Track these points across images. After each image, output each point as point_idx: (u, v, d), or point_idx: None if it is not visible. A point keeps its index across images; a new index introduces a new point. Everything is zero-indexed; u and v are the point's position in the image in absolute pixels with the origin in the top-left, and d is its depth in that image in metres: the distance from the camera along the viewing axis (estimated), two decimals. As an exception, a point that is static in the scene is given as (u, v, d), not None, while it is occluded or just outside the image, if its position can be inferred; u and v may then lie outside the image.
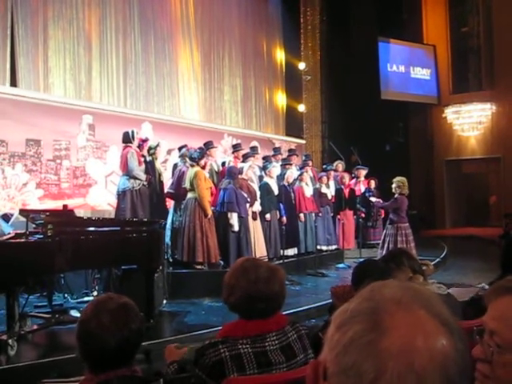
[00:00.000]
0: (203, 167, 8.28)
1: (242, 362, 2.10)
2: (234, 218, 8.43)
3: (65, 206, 5.88)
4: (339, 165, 12.62)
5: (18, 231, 5.78)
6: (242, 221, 8.54)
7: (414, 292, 0.82)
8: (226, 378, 2.05)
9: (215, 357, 2.09)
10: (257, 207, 9.16)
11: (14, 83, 9.45)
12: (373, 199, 10.77)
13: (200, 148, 8.70)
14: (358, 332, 0.77)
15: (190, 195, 8.19)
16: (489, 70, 15.32)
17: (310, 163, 12.02)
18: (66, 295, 7.31)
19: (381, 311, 0.78)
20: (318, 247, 10.83)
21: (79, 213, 7.87)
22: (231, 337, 2.16)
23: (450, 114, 15.81)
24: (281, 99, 16.06)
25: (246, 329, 2.16)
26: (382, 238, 9.59)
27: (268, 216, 9.59)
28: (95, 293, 7.25)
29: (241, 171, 8.85)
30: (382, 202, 10.24)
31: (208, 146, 9.05)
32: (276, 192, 9.96)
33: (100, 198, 10.45)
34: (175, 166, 9.37)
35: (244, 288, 2.16)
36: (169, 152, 10.83)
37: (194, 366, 2.14)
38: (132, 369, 1.93)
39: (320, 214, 11.11)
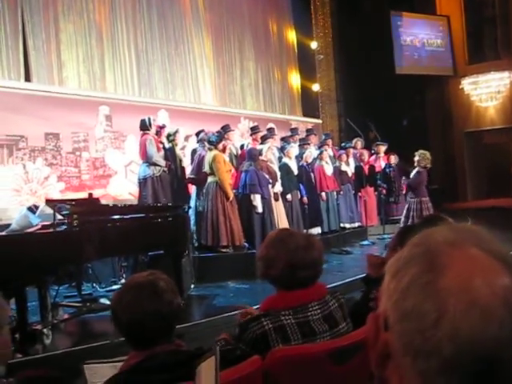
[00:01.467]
0: (223, 151, 8.26)
1: (286, 333, 2.09)
2: (257, 200, 8.41)
3: (90, 195, 5.91)
4: (358, 142, 12.52)
5: (45, 223, 5.82)
6: (265, 202, 8.52)
7: (467, 232, 0.80)
8: (270, 350, 2.04)
9: (259, 330, 2.09)
10: (278, 188, 9.13)
11: (27, 78, 9.49)
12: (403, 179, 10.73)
13: (218, 132, 8.67)
14: (414, 275, 0.76)
15: (210, 179, 8.18)
16: (505, 39, 15.01)
17: (330, 142, 11.94)
18: (94, 285, 7.37)
19: (435, 252, 0.76)
20: (341, 225, 10.81)
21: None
22: (273, 309, 2.15)
23: (467, 84, 15.55)
24: (295, 80, 15.93)
25: (287, 300, 2.15)
26: (405, 212, 9.52)
27: (289, 196, 9.57)
28: (123, 281, 7.29)
29: (261, 153, 8.81)
30: (405, 179, 10.19)
31: (226, 129, 9.03)
32: (295, 172, 9.93)
33: (121, 188, 10.49)
34: (194, 151, 9.36)
35: (284, 258, 2.14)
36: (186, 138, 10.80)
37: (238, 341, 2.14)
38: (176, 343, 1.93)
39: (341, 192, 11.06)
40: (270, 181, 8.68)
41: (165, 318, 1.86)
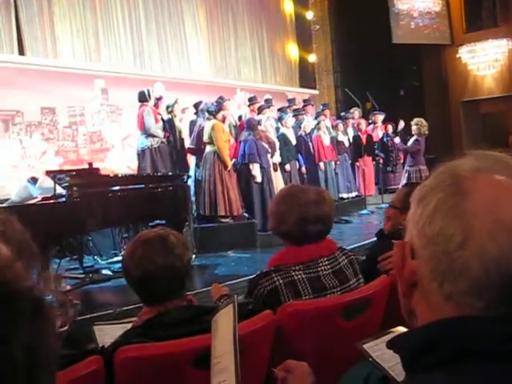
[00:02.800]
0: (222, 121, 8.21)
1: (296, 288, 2.10)
2: (256, 169, 8.38)
3: (90, 165, 5.89)
4: (355, 112, 12.47)
5: (45, 195, 5.81)
6: (264, 172, 8.49)
7: (491, 159, 0.80)
8: (281, 305, 2.04)
9: (270, 285, 2.09)
10: (277, 158, 9.10)
11: (21, 52, 9.36)
12: (397, 140, 10.69)
13: (216, 101, 8.60)
14: (440, 199, 0.76)
15: (208, 148, 8.13)
16: (503, 6, 14.83)
17: (328, 112, 11.88)
18: (95, 257, 7.36)
19: (460, 178, 0.77)
20: (339, 195, 10.81)
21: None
22: (283, 265, 2.15)
23: (465, 53, 15.42)
24: (292, 51, 15.78)
25: (297, 255, 2.15)
26: (404, 181, 9.53)
27: (288, 167, 9.55)
28: (124, 252, 7.30)
29: (259, 123, 8.76)
30: (401, 143, 10.17)
31: (223, 98, 8.96)
32: (294, 142, 9.90)
33: (118, 162, 10.44)
34: (192, 122, 9.29)
35: (296, 212, 2.13)
36: (183, 111, 10.70)
37: (249, 296, 2.14)
38: (188, 298, 1.92)
39: (339, 162, 11.06)
40: (269, 150, 8.64)
41: (176, 273, 1.86)
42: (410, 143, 9.47)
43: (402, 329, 1.81)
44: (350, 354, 2.00)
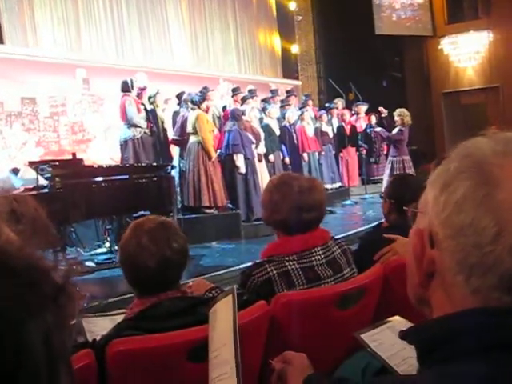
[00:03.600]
0: (206, 111, 8.15)
1: (290, 279, 2.07)
2: (240, 160, 8.35)
3: (73, 155, 5.80)
4: (339, 102, 12.49)
5: (28, 186, 5.71)
6: (249, 162, 8.47)
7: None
8: (275, 296, 2.01)
9: (263, 276, 2.06)
10: (262, 149, 9.06)
11: (1, 41, 9.17)
12: (378, 129, 10.70)
13: (200, 91, 8.53)
14: (470, 187, 0.72)
15: (192, 139, 8.08)
16: (484, -4, 14.96)
17: (311, 102, 11.87)
18: (78, 249, 7.27)
19: (488, 164, 0.73)
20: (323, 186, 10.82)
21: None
22: (276, 255, 2.12)
23: (446, 44, 15.50)
24: (275, 41, 15.73)
25: (291, 245, 2.12)
26: (389, 172, 9.55)
27: (271, 157, 9.53)
28: (107, 244, 7.24)
29: (244, 113, 8.71)
30: (383, 130, 10.18)
31: (207, 89, 8.90)
32: (277, 133, 9.88)
33: (101, 153, 10.31)
34: (175, 113, 9.22)
35: (290, 200, 2.10)
36: (166, 101, 10.61)
37: (242, 287, 2.10)
38: (182, 290, 1.88)
39: (323, 153, 11.07)
40: (254, 141, 8.60)
41: (176, 263, 1.81)
42: (393, 133, 9.49)
43: (398, 318, 1.79)
44: (346, 343, 1.99)
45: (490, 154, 0.74)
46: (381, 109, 11.52)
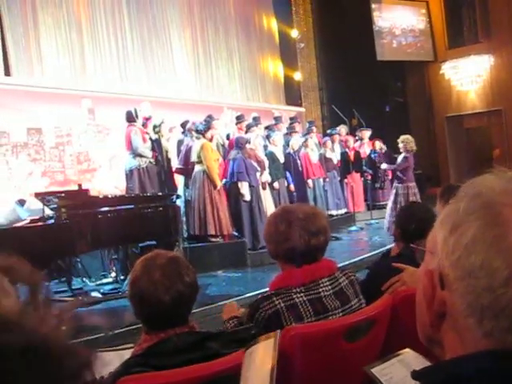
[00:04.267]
0: (210, 140, 8.20)
1: (298, 312, 2.06)
2: (244, 188, 8.38)
3: (79, 186, 5.83)
4: (342, 129, 12.55)
5: (34, 217, 5.73)
6: (253, 190, 8.50)
7: None
8: (283, 329, 2.00)
9: (271, 309, 2.06)
10: (266, 177, 9.08)
11: (7, 73, 9.30)
12: (384, 166, 10.73)
13: (205, 120, 8.60)
14: (479, 228, 0.71)
15: (197, 168, 8.13)
16: (484, 21, 15.07)
17: (315, 129, 11.94)
18: (84, 279, 7.26)
19: (498, 205, 0.72)
20: (329, 212, 10.81)
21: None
22: (284, 288, 2.12)
23: (448, 69, 15.61)
24: (278, 69, 15.87)
25: (298, 277, 2.12)
26: (393, 198, 9.53)
27: (276, 184, 9.55)
28: (113, 274, 7.23)
29: (248, 141, 8.76)
30: (389, 165, 10.20)
31: (212, 117, 8.97)
32: (282, 160, 9.92)
33: (106, 182, 10.35)
34: (179, 142, 9.28)
35: (298, 226, 2.11)
36: (170, 130, 10.70)
37: (249, 321, 2.10)
38: (190, 325, 1.88)
39: (327, 179, 11.09)
40: (259, 169, 8.63)
41: (188, 298, 1.83)
42: (398, 161, 9.50)
43: (409, 351, 1.78)
44: (356, 377, 1.97)
45: (500, 193, 0.74)
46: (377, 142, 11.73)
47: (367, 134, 12.47)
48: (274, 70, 15.74)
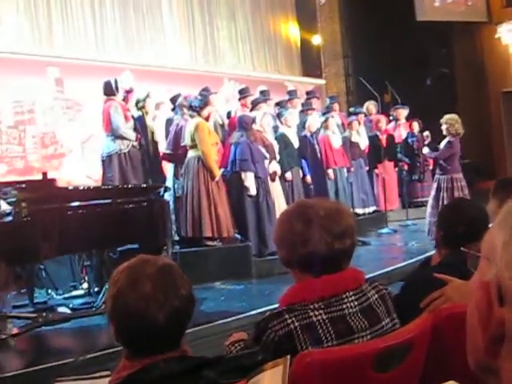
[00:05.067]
0: (207, 119, 8.20)
1: (316, 333, 2.06)
2: (249, 179, 8.39)
3: (44, 175, 5.86)
4: (371, 106, 12.52)
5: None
6: (260, 182, 8.50)
7: None
8: (297, 354, 2.00)
9: (282, 329, 2.06)
10: (276, 165, 9.06)
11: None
12: (425, 150, 10.67)
13: (201, 94, 8.60)
14: None
15: (191, 153, 8.14)
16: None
17: (337, 106, 11.91)
18: (49, 291, 7.31)
19: None
20: (354, 210, 10.79)
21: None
22: (298, 303, 2.12)
23: (505, 32, 15.52)
24: (293, 31, 15.86)
25: (316, 290, 2.12)
26: (433, 193, 9.53)
27: (289, 175, 9.56)
28: (85, 285, 7.26)
29: (254, 121, 8.76)
30: (433, 152, 10.15)
31: (209, 91, 8.97)
32: (296, 144, 9.91)
33: (77, 171, 10.37)
34: (169, 121, 9.29)
35: (318, 226, 2.10)
36: (157, 106, 10.72)
37: (255, 344, 2.10)
38: (181, 349, 1.88)
39: (352, 169, 11.08)
40: (267, 156, 8.63)
41: (185, 314, 1.84)
42: (441, 147, 9.47)
43: (453, 384, 1.78)
44: (387, 416, 1.97)
45: None
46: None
47: (403, 112, 12.45)
48: (286, 32, 15.71)
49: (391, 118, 12.65)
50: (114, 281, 1.86)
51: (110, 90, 8.34)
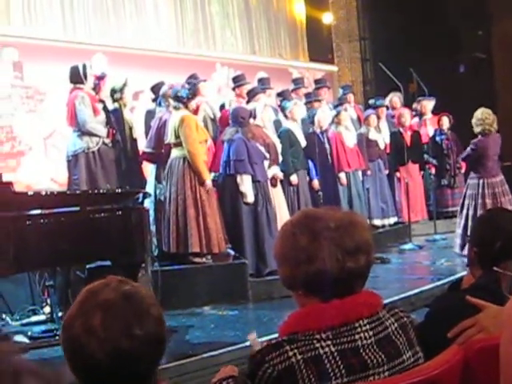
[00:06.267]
0: (195, 112, 8.21)
1: (323, 368, 2.06)
2: (246, 184, 8.41)
3: (-2, 176, 5.88)
4: (395, 98, 12.54)
5: None
6: (259, 187, 8.52)
7: None
8: (300, 393, 2.00)
9: (281, 363, 2.05)
10: (276, 170, 9.05)
11: None
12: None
13: (188, 83, 8.62)
14: None
15: (175, 153, 8.17)
16: None
17: (352, 98, 11.92)
18: (3, 316, 7.32)
19: None
20: (371, 222, 10.84)
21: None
22: (302, 332, 2.12)
23: (554, 11, 15.65)
24: (298, 8, 15.92)
25: (324, 316, 2.11)
26: (461, 201, 9.56)
27: (294, 178, 9.57)
28: (47, 309, 7.26)
29: (252, 114, 8.76)
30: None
31: (197, 78, 8.99)
32: (303, 143, 9.92)
33: (38, 172, 10.39)
34: (149, 113, 9.32)
35: (328, 242, 2.10)
36: (136, 96, 10.75)
37: (249, 380, 2.09)
38: (158, 384, 1.87)
39: (369, 173, 11.09)
40: (267, 156, 8.64)
41: (137, 357, 1.79)
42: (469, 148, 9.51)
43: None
44: None
45: None
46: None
47: (429, 105, 12.50)
48: (291, 8, 15.76)
49: (416, 111, 12.68)
50: (72, 305, 1.86)
51: (76, 77, 8.36)
